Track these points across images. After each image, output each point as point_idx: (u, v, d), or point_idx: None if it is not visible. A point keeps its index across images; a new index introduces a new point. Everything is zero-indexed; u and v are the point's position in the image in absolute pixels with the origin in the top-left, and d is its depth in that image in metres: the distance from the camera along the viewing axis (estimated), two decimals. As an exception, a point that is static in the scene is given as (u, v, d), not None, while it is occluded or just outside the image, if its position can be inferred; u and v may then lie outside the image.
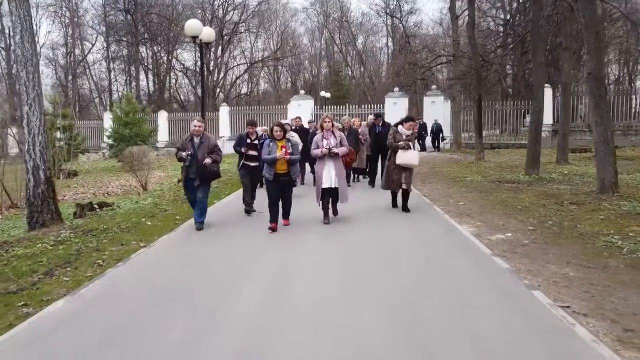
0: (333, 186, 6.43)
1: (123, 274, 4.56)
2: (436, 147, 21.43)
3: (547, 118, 20.24)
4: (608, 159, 8.09)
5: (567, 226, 5.96)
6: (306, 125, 12.16)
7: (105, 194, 11.28)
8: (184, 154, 6.24)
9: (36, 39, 28.10)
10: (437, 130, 21.51)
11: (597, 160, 8.36)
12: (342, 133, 7.00)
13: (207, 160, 6.24)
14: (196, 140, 6.33)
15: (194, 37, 10.45)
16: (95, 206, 8.15)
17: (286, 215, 6.50)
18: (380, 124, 9.96)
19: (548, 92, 20.68)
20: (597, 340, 2.88)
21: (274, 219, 6.17)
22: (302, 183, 10.36)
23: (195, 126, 6.40)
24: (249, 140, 7.37)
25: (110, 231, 6.39)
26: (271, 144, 6.19)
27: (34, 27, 6.75)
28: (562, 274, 4.16)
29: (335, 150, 6.41)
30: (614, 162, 8.18)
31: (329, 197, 6.58)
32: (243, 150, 7.27)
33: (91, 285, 4.21)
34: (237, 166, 7.76)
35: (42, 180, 6.91)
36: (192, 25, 10.04)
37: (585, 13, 8.33)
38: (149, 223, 6.96)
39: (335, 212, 6.79)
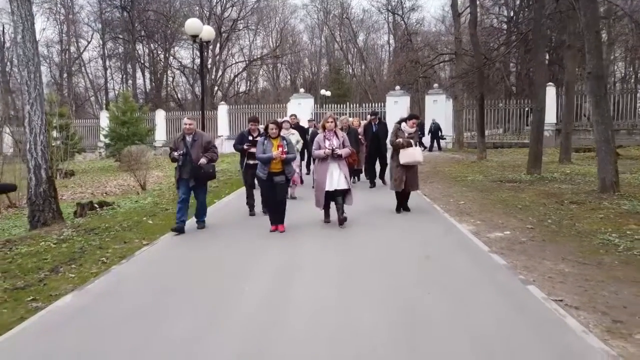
0: (335, 188, 6.30)
1: (127, 271, 4.75)
2: (436, 147, 21.46)
3: (551, 117, 20.46)
4: (609, 158, 8.29)
5: (566, 225, 6.17)
6: (305, 125, 12.31)
7: (104, 194, 11.49)
8: (176, 153, 6.18)
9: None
10: (435, 130, 21.49)
11: (598, 159, 8.56)
12: (344, 134, 6.89)
13: (203, 160, 6.20)
14: (188, 138, 6.27)
15: (194, 36, 10.65)
16: (96, 205, 8.35)
17: (281, 219, 6.20)
18: (376, 123, 10.03)
19: (552, 91, 20.90)
20: (587, 331, 3.08)
21: (273, 221, 6.26)
22: (302, 183, 10.51)
23: (186, 124, 6.33)
24: (250, 138, 7.23)
25: (112, 230, 6.60)
26: (266, 142, 6.12)
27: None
28: (558, 270, 4.36)
29: (338, 151, 6.33)
30: (615, 162, 8.39)
31: (331, 200, 6.44)
32: (245, 147, 7.16)
33: (97, 281, 4.41)
34: (239, 166, 7.77)
35: (44, 180, 7.12)
36: (193, 24, 10.25)
37: (586, 12, 8.54)
38: (151, 222, 7.17)
39: (340, 222, 6.33)
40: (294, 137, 8.61)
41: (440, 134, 21.75)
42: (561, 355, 2.83)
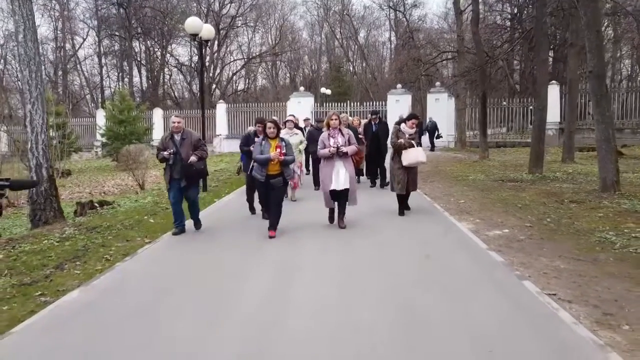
0: (341, 188, 6.31)
1: (131, 268, 4.96)
2: (432, 147, 21.53)
3: (555, 116, 20.65)
4: (609, 157, 8.50)
5: (565, 223, 6.37)
6: (302, 124, 12.46)
7: (102, 193, 11.69)
8: (165, 153, 6.12)
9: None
10: (432, 129, 21.43)
11: (598, 158, 8.76)
12: (349, 131, 6.82)
13: (193, 158, 6.17)
14: (177, 137, 6.24)
15: (194, 35, 10.85)
16: (96, 204, 8.56)
17: (274, 224, 6.07)
18: (376, 122, 10.12)
19: (555, 89, 21.10)
20: (577, 323, 3.29)
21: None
22: (301, 183, 10.68)
23: (174, 122, 6.28)
24: (257, 140, 7.05)
25: (114, 228, 6.80)
26: (263, 142, 6.07)
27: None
28: (553, 267, 4.57)
29: (344, 149, 6.32)
30: (616, 161, 8.59)
31: (336, 199, 6.47)
32: (252, 148, 6.96)
33: (102, 277, 4.62)
34: (243, 168, 7.85)
35: (45, 179, 7.32)
36: (192, 23, 10.43)
37: (586, 11, 8.74)
38: (152, 221, 7.38)
39: (341, 223, 6.49)
40: (298, 137, 8.68)
41: (437, 132, 21.66)
42: (552, 344, 3.03)
